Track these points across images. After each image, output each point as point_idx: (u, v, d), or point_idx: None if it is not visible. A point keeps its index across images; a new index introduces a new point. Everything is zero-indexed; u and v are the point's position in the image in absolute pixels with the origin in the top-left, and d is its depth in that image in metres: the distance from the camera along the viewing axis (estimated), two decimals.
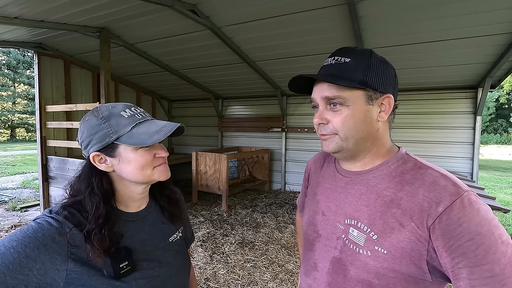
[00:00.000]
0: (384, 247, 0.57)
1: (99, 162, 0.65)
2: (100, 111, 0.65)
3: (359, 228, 0.61)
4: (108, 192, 0.66)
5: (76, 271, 0.56)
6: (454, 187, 0.53)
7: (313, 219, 0.74)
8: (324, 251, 0.68)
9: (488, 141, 25.07)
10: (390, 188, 0.60)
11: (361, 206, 0.62)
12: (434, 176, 0.56)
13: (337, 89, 0.61)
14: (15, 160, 11.91)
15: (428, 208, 0.53)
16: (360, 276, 0.60)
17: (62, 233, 0.57)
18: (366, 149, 0.65)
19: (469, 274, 0.48)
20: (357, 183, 0.66)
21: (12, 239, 0.53)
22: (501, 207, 2.49)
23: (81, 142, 0.66)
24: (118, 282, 0.61)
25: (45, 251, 0.53)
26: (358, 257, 0.60)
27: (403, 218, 0.55)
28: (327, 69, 0.64)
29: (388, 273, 0.56)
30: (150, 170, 0.67)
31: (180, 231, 0.81)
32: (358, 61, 0.61)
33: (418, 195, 0.55)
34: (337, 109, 0.62)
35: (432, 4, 2.39)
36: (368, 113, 0.62)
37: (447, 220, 0.50)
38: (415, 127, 4.64)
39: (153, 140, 0.63)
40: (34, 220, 0.58)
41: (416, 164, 0.61)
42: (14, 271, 0.49)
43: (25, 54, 23.91)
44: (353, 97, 0.61)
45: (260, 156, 5.71)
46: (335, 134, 0.63)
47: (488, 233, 0.48)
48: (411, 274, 0.55)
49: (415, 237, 0.54)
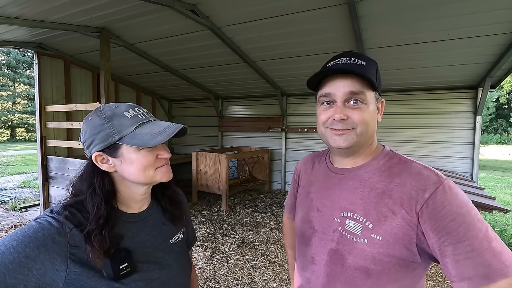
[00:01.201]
0: (379, 234, 0.62)
1: (101, 162, 0.65)
2: (103, 111, 0.65)
3: (355, 219, 0.66)
4: (110, 192, 0.65)
5: (75, 272, 0.56)
6: (436, 176, 0.61)
7: (308, 216, 0.77)
8: (321, 244, 0.72)
9: (488, 141, 25.07)
10: (381, 181, 0.66)
11: (356, 199, 0.68)
12: (418, 168, 0.64)
13: (361, 85, 0.65)
14: (15, 160, 11.91)
15: (416, 195, 0.60)
16: (358, 263, 0.64)
17: (62, 233, 0.57)
18: (366, 145, 0.72)
19: (453, 250, 0.55)
20: (350, 178, 0.71)
21: (12, 239, 0.53)
22: (501, 207, 2.49)
23: (84, 141, 0.66)
24: (117, 283, 0.60)
25: (45, 251, 0.53)
26: (355, 245, 0.65)
27: (395, 207, 0.62)
28: (349, 66, 0.66)
29: (383, 258, 0.62)
30: (153, 171, 0.67)
31: (182, 232, 0.81)
32: (371, 66, 0.68)
33: (406, 185, 0.62)
34: (358, 106, 0.66)
35: (432, 4, 2.39)
36: (374, 113, 0.69)
37: (432, 204, 0.58)
38: (415, 127, 4.64)
39: (156, 141, 0.62)
40: (35, 220, 0.58)
41: (401, 159, 0.69)
42: (13, 271, 0.49)
43: (25, 54, 23.90)
44: (370, 97, 0.67)
45: (260, 156, 5.71)
46: (352, 129, 0.66)
47: (466, 214, 0.56)
48: (403, 257, 0.61)
49: (405, 223, 0.60)
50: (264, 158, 5.72)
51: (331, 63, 0.70)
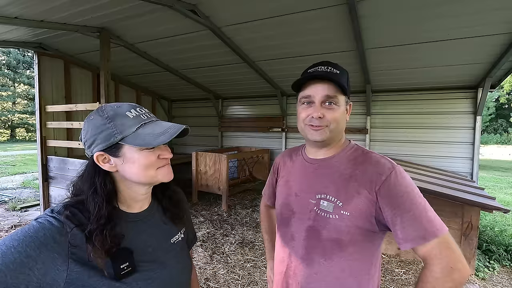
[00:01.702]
0: (347, 210, 0.77)
1: (102, 162, 0.65)
2: (105, 111, 0.65)
3: (328, 199, 0.81)
4: (111, 192, 0.65)
5: (76, 271, 0.56)
6: (390, 163, 0.78)
7: (287, 200, 0.92)
8: (299, 223, 0.86)
9: (488, 141, 25.06)
10: (348, 168, 0.82)
11: (329, 183, 0.83)
12: (377, 157, 0.81)
13: (335, 90, 0.80)
14: (15, 160, 11.91)
15: (375, 179, 0.76)
16: (331, 236, 0.79)
17: (63, 233, 0.57)
18: (336, 140, 0.87)
19: (401, 220, 0.72)
20: (324, 167, 0.86)
21: (13, 239, 0.53)
22: (501, 207, 2.49)
23: (85, 141, 0.66)
24: (119, 283, 0.60)
25: (46, 251, 0.53)
26: (328, 221, 0.80)
27: (359, 188, 0.78)
28: (326, 73, 0.80)
29: (351, 230, 0.77)
30: (154, 171, 0.67)
31: (182, 232, 0.81)
32: (343, 74, 0.82)
33: (368, 171, 0.78)
34: (332, 107, 0.81)
35: (432, 4, 2.39)
36: (344, 114, 0.84)
37: (387, 185, 0.74)
38: (415, 127, 4.64)
39: (158, 141, 0.63)
40: (35, 220, 0.58)
41: (363, 151, 0.85)
42: (14, 271, 0.49)
43: (25, 54, 23.90)
44: (342, 100, 0.82)
45: (260, 156, 5.71)
46: (326, 126, 0.81)
47: (410, 192, 0.73)
48: (366, 228, 0.77)
49: (367, 200, 0.76)
50: (264, 158, 5.72)
51: (311, 70, 0.84)
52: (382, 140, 4.90)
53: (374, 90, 4.72)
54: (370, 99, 4.71)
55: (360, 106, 4.99)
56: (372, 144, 4.94)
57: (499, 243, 3.31)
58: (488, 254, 3.17)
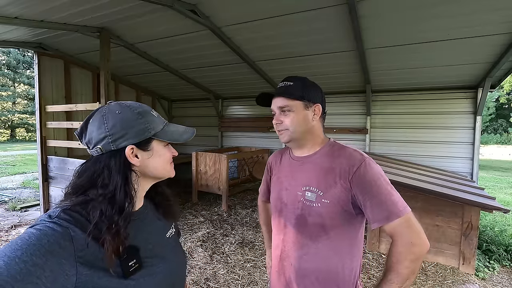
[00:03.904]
0: (327, 199, 0.90)
1: (132, 155, 0.66)
2: (132, 107, 0.68)
3: (311, 190, 0.94)
4: (135, 189, 0.68)
5: (86, 274, 0.56)
6: (361, 156, 0.90)
7: (279, 194, 1.05)
8: (290, 213, 0.99)
9: (488, 141, 25.05)
10: (327, 162, 0.94)
11: (312, 176, 0.95)
12: (350, 151, 0.93)
13: (286, 100, 0.95)
14: (15, 160, 11.91)
15: (349, 169, 0.88)
16: (316, 221, 0.92)
17: (67, 238, 0.56)
18: (307, 139, 1.00)
19: (370, 204, 0.84)
20: (307, 162, 1.00)
21: (14, 249, 0.51)
22: (501, 207, 2.49)
23: (110, 134, 0.64)
24: (127, 280, 0.61)
25: (52, 257, 0.52)
26: (312, 209, 0.92)
27: (336, 178, 0.90)
28: (279, 89, 0.98)
29: (332, 215, 0.90)
30: (170, 166, 0.74)
31: (173, 226, 0.84)
32: (297, 83, 0.96)
33: (343, 163, 0.90)
34: (287, 114, 0.96)
35: (432, 4, 2.39)
36: (305, 116, 0.96)
37: (358, 175, 0.86)
38: (415, 127, 4.64)
39: (184, 138, 0.73)
40: (33, 227, 0.56)
41: (340, 146, 0.98)
42: (22, 281, 0.47)
43: (25, 54, 23.89)
44: (295, 106, 0.95)
45: (260, 156, 5.71)
46: (287, 129, 0.97)
47: (379, 179, 0.85)
48: (345, 212, 0.89)
49: (344, 189, 0.88)
50: (264, 158, 5.72)
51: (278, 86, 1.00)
52: (382, 140, 4.89)
53: (374, 90, 4.72)
54: (370, 99, 4.71)
55: (360, 106, 4.99)
56: (372, 144, 4.94)
57: (499, 243, 3.31)
58: (488, 254, 3.17)
